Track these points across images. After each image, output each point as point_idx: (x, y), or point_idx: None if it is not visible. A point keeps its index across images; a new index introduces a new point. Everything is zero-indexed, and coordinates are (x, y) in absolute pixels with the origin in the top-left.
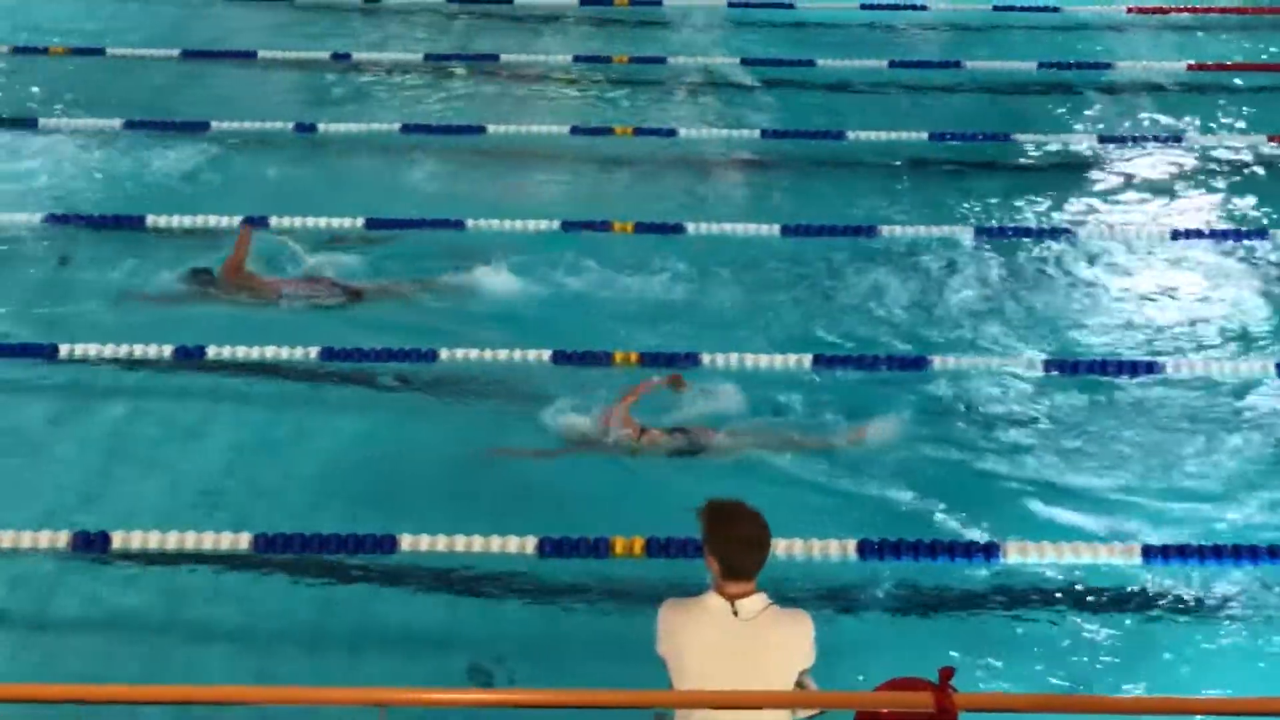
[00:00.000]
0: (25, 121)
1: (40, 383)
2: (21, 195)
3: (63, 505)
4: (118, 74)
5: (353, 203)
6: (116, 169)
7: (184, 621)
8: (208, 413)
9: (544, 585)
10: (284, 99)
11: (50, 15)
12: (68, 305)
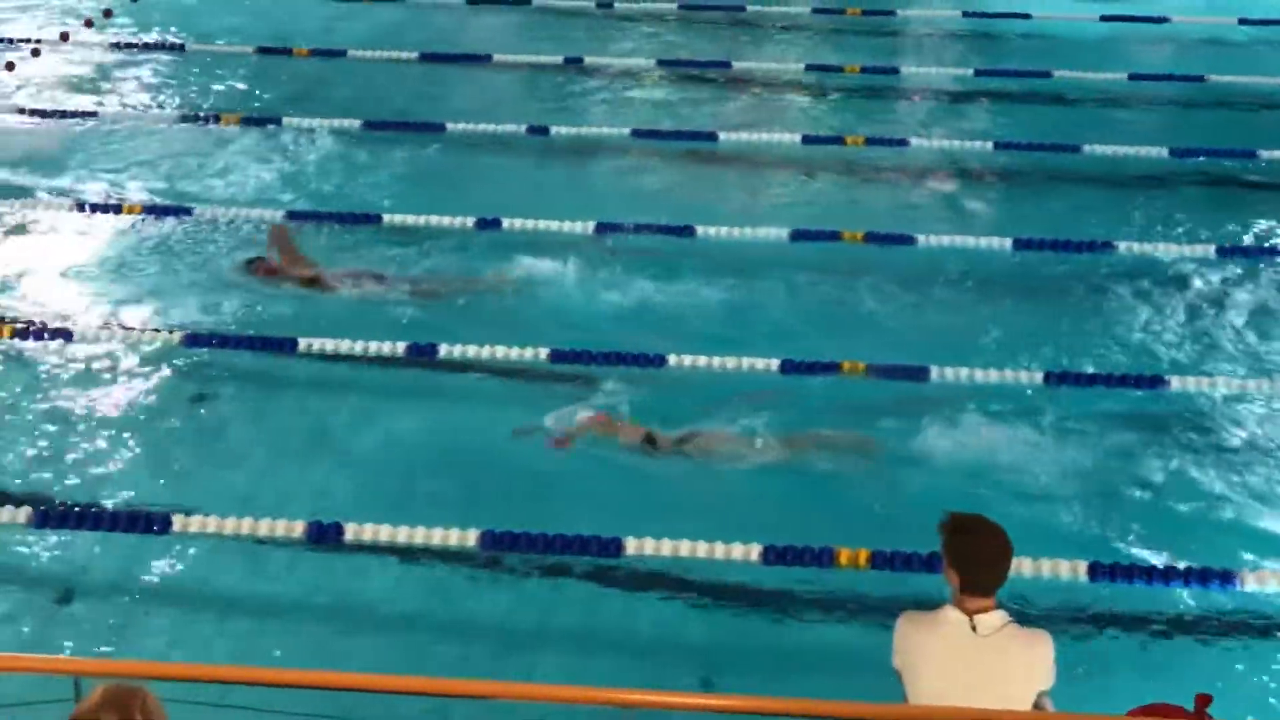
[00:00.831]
0: (269, 120)
1: (281, 373)
2: (264, 191)
3: (296, 495)
4: (357, 75)
5: (582, 206)
6: (355, 168)
7: (410, 614)
8: (439, 410)
9: (766, 592)
10: (517, 102)
11: (294, 18)
12: (304, 303)
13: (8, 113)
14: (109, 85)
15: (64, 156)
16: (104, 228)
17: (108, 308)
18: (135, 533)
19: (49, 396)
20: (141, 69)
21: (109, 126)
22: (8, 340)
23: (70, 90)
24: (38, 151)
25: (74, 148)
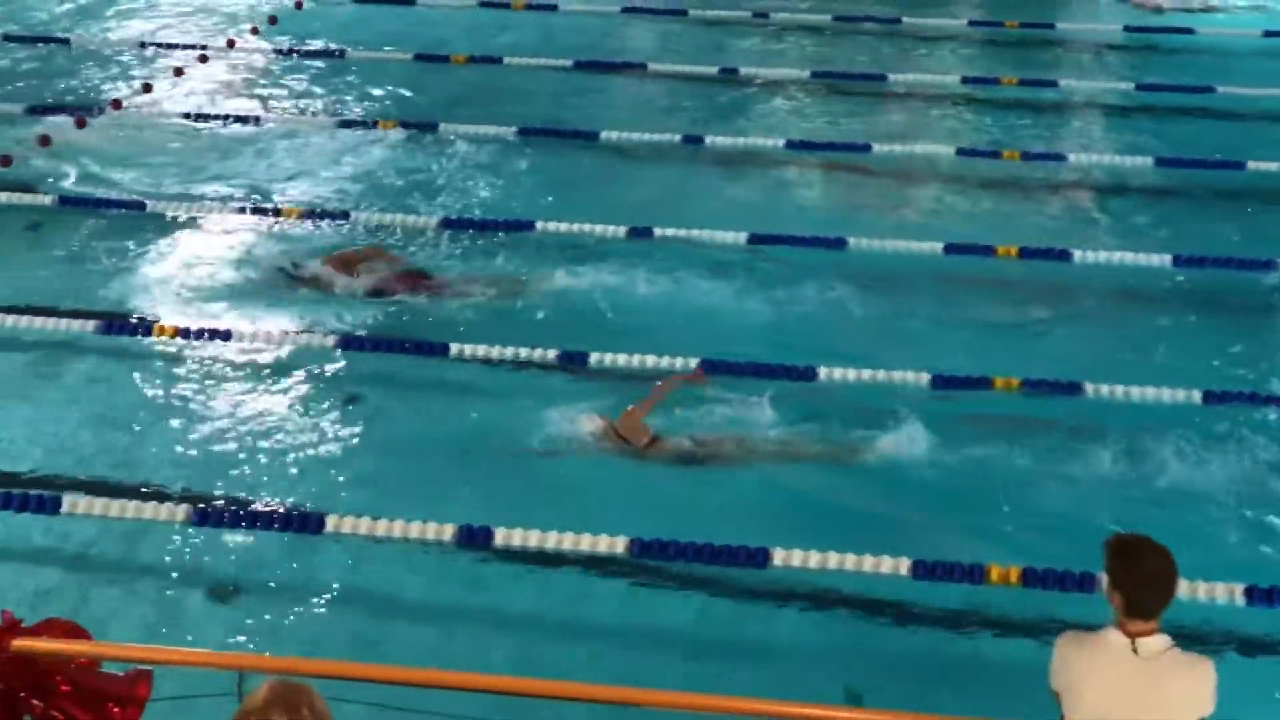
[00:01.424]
0: (425, 125)
1: (432, 377)
2: (420, 197)
3: (446, 498)
4: (513, 82)
5: (735, 216)
6: (510, 174)
7: (555, 621)
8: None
9: (913, 606)
10: (671, 111)
11: (452, 26)
12: (447, 308)
13: (175, 117)
14: (272, 91)
15: (227, 160)
16: (263, 231)
17: (264, 310)
18: (289, 532)
19: (207, 397)
20: (303, 75)
21: (271, 131)
22: (168, 340)
23: (234, 95)
24: (202, 155)
25: (236, 152)
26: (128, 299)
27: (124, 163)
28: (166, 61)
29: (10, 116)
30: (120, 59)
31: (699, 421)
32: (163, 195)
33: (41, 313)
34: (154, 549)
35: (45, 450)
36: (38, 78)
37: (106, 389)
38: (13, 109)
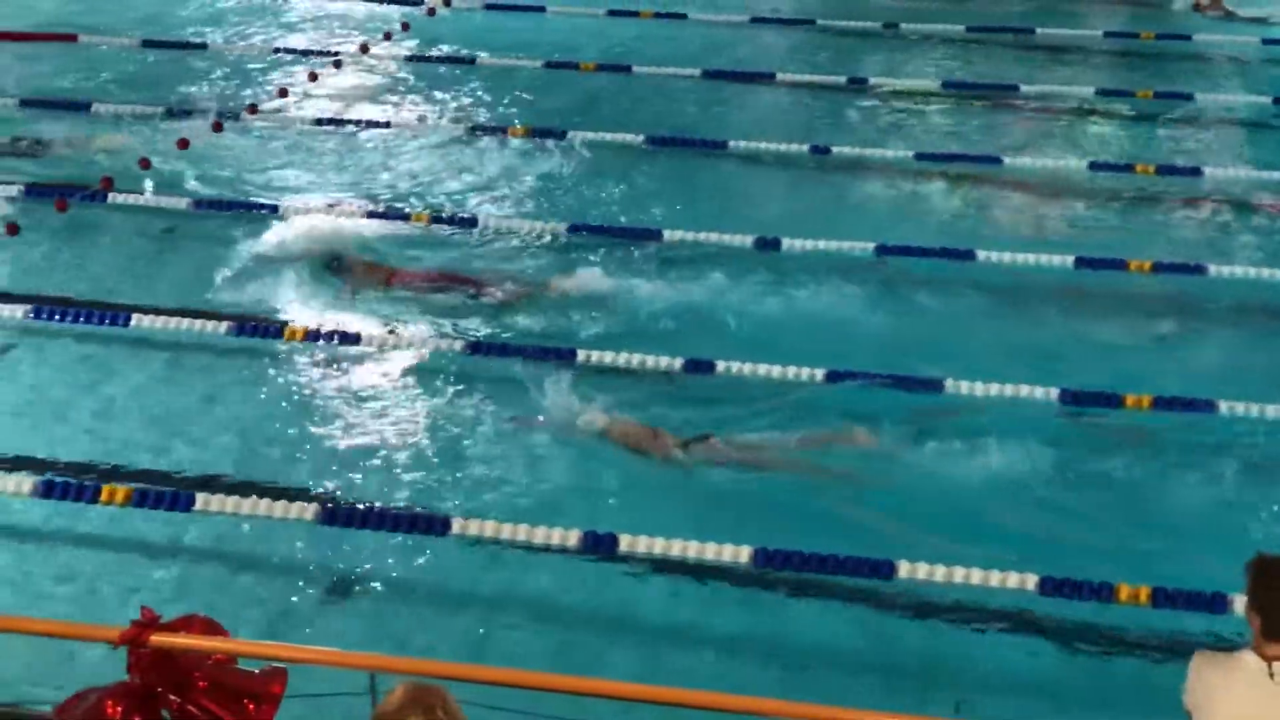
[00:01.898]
0: (554, 132)
1: (562, 383)
2: (548, 203)
3: (571, 504)
4: (641, 91)
5: (862, 227)
6: (637, 182)
7: (679, 628)
8: (717, 426)
9: (1039, 623)
10: (799, 120)
11: (581, 33)
12: (578, 314)
13: (308, 122)
14: (403, 96)
15: (358, 165)
16: (393, 236)
17: (393, 314)
18: (416, 533)
19: (335, 398)
20: (434, 81)
21: (401, 136)
22: (298, 343)
23: (367, 100)
24: (333, 160)
25: (367, 157)
26: (259, 301)
27: (258, 166)
28: (301, 67)
29: (149, 120)
30: (256, 64)
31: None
32: (295, 199)
33: (175, 314)
34: (283, 547)
35: (178, 449)
36: (175, 82)
37: (238, 390)
38: (151, 112)
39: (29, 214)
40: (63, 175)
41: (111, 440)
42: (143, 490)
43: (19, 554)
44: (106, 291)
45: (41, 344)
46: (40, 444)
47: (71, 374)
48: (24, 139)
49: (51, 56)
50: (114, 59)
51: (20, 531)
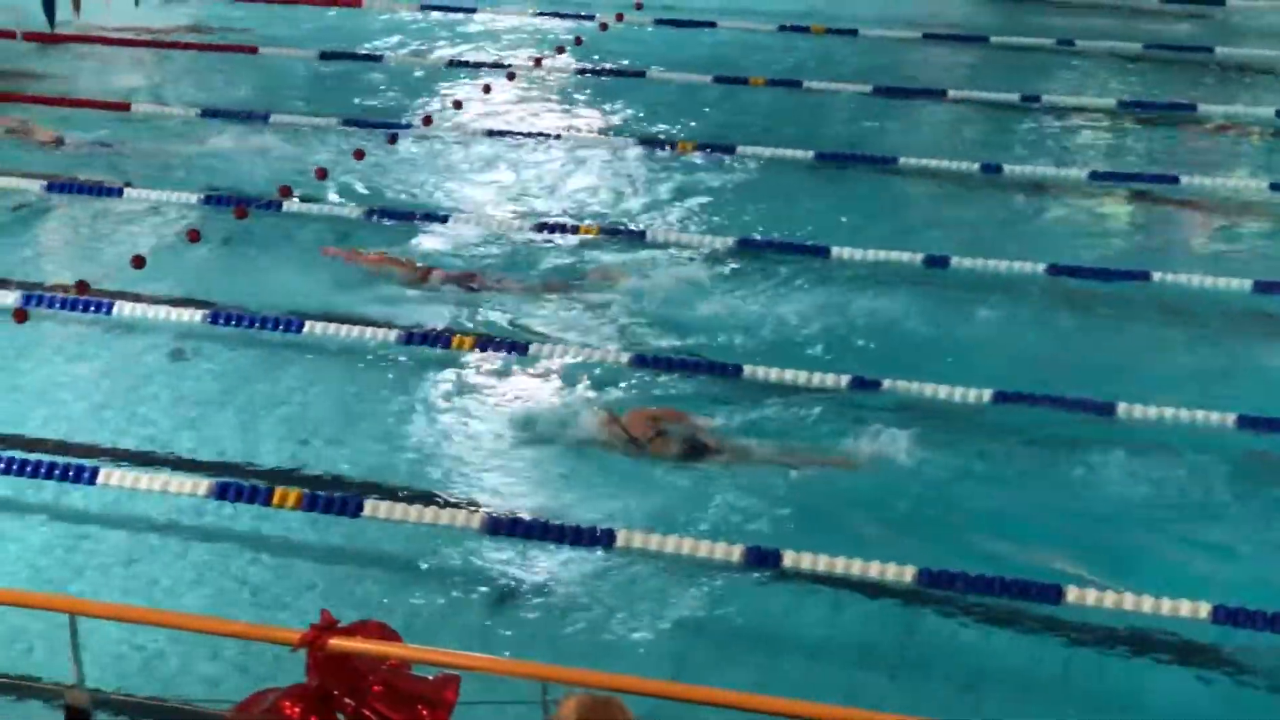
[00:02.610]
0: (723, 147)
1: (727, 399)
2: (716, 218)
3: (732, 520)
4: (811, 106)
5: (1035, 246)
6: (806, 198)
7: (843, 646)
8: (881, 444)
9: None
10: (971, 137)
11: (750, 49)
12: (742, 333)
13: (482, 134)
14: (575, 109)
15: (529, 176)
16: (561, 247)
17: (561, 326)
18: (581, 546)
19: (504, 408)
20: (606, 94)
21: (573, 149)
22: (469, 352)
23: (540, 113)
24: (506, 171)
25: (539, 169)
26: (430, 311)
27: (432, 177)
28: (475, 80)
29: (325, 130)
30: (431, 77)
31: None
32: (466, 210)
33: (349, 321)
34: (451, 555)
35: (348, 454)
36: (352, 93)
37: (407, 397)
38: (328, 123)
39: (209, 221)
40: (242, 184)
41: (284, 445)
42: (313, 495)
43: (196, 555)
44: (282, 298)
45: (218, 349)
46: (214, 447)
47: (245, 379)
48: (204, 148)
49: (232, 68)
50: (292, 70)
51: (198, 533)
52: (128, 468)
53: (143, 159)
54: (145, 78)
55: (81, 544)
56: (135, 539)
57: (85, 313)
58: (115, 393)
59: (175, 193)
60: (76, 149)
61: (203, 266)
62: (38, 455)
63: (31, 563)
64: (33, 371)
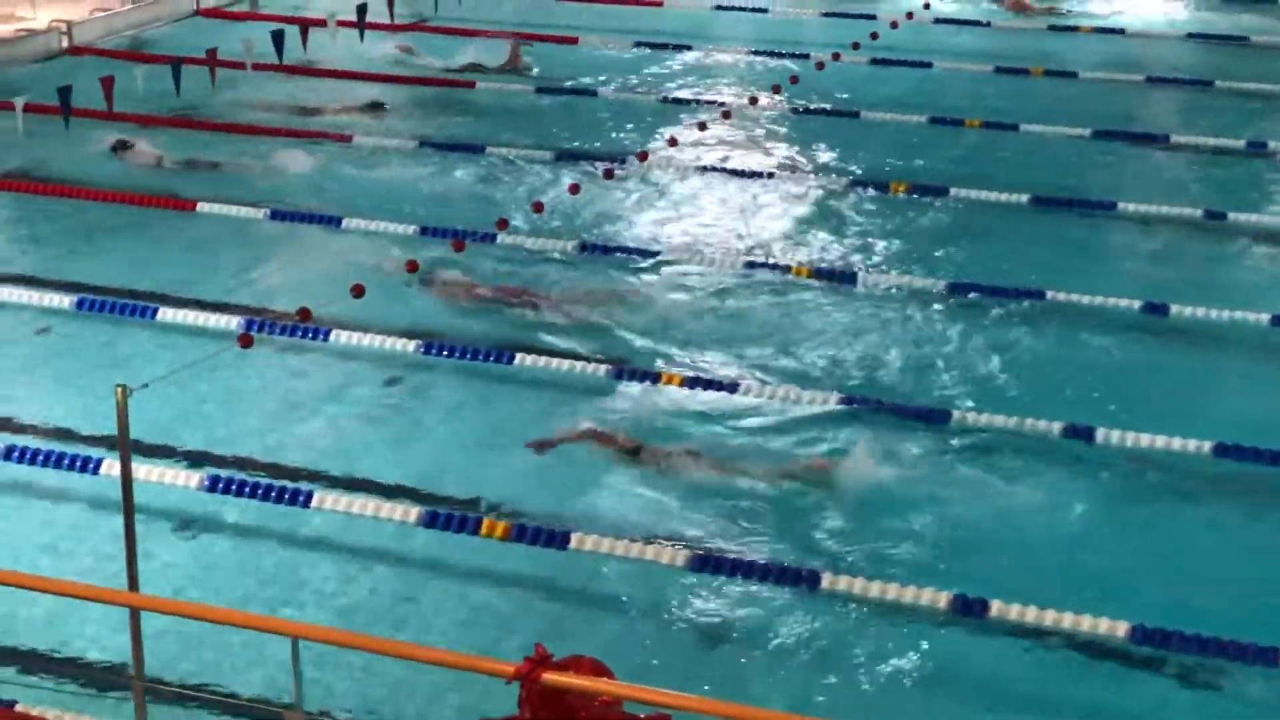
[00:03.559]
0: (935, 189)
1: (946, 445)
2: (927, 259)
3: (936, 567)
4: (1028, 149)
5: (1259, 296)
6: (1019, 241)
7: (1048, 699)
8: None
9: None
10: (1194, 184)
11: (967, 90)
12: (951, 375)
13: (695, 170)
14: (787, 148)
15: (741, 214)
16: (774, 287)
17: (767, 366)
18: (785, 585)
19: (711, 445)
20: (818, 134)
21: (784, 188)
22: (675, 389)
23: (752, 151)
24: (717, 208)
25: (750, 207)
26: (638, 345)
27: (646, 213)
28: (690, 116)
29: (542, 164)
30: (646, 113)
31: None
32: (676, 246)
33: (556, 355)
34: (658, 591)
35: (554, 489)
36: (568, 128)
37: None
38: (544, 156)
39: (427, 252)
40: (459, 216)
41: (490, 475)
42: (521, 525)
43: (405, 582)
44: (495, 331)
45: (431, 380)
46: (424, 476)
47: (457, 409)
48: (423, 179)
49: (451, 102)
50: (509, 105)
51: (408, 560)
52: (341, 492)
53: (362, 189)
54: (367, 110)
55: (299, 567)
56: (347, 564)
57: (306, 339)
58: (332, 418)
59: (394, 224)
60: (298, 179)
61: (420, 297)
62: (256, 477)
63: (248, 584)
64: (254, 395)
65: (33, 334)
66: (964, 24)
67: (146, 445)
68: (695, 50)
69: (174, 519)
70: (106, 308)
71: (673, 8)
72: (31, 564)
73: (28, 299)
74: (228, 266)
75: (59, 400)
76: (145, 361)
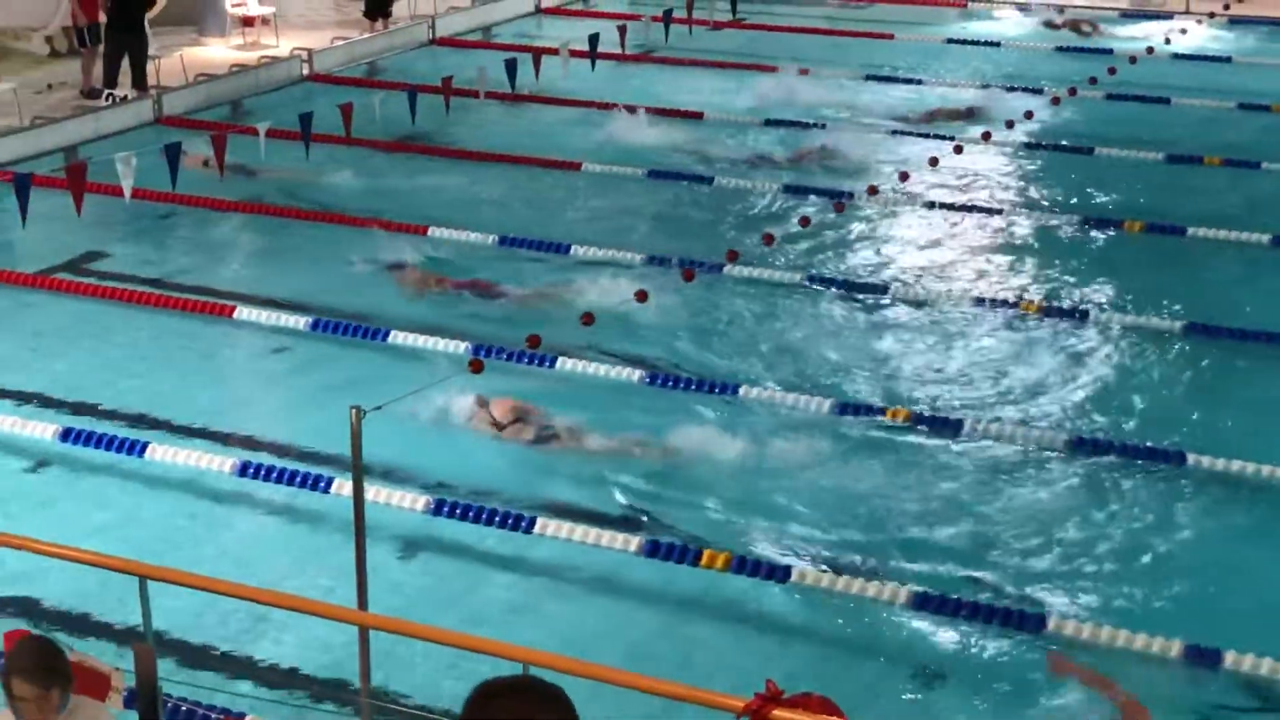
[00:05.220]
0: (1172, 229)
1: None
2: (1162, 301)
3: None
4: (1272, 189)
5: None
6: (1261, 282)
7: None
8: None
9: None
10: None
11: (1208, 125)
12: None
13: (923, 206)
14: (1019, 184)
15: (970, 249)
16: (1003, 323)
17: (995, 404)
18: (1009, 627)
19: (937, 485)
20: (1051, 170)
21: (1015, 224)
22: (901, 425)
23: (983, 187)
24: (947, 244)
25: (980, 242)
26: (861, 379)
27: (876, 247)
28: (921, 150)
29: (771, 195)
30: (876, 146)
31: None
32: (905, 280)
33: (790, 389)
34: (874, 628)
35: (762, 520)
36: (796, 161)
37: (837, 469)
38: (770, 187)
39: (656, 282)
40: (688, 246)
41: (693, 502)
42: (740, 558)
43: (621, 612)
44: (721, 360)
45: (658, 408)
46: (640, 505)
47: (682, 439)
48: (651, 207)
49: (680, 132)
50: (736, 135)
51: (624, 589)
52: (564, 520)
53: (591, 217)
54: (594, 139)
55: (520, 591)
56: (572, 590)
57: (534, 366)
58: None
59: (622, 251)
60: (525, 205)
61: (648, 326)
62: (480, 503)
63: (479, 607)
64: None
65: (269, 352)
66: (1205, 60)
67: (379, 467)
68: (926, 84)
69: (398, 540)
70: (339, 329)
71: (904, 40)
72: (261, 578)
73: (266, 319)
74: (459, 290)
75: (293, 418)
76: (378, 383)
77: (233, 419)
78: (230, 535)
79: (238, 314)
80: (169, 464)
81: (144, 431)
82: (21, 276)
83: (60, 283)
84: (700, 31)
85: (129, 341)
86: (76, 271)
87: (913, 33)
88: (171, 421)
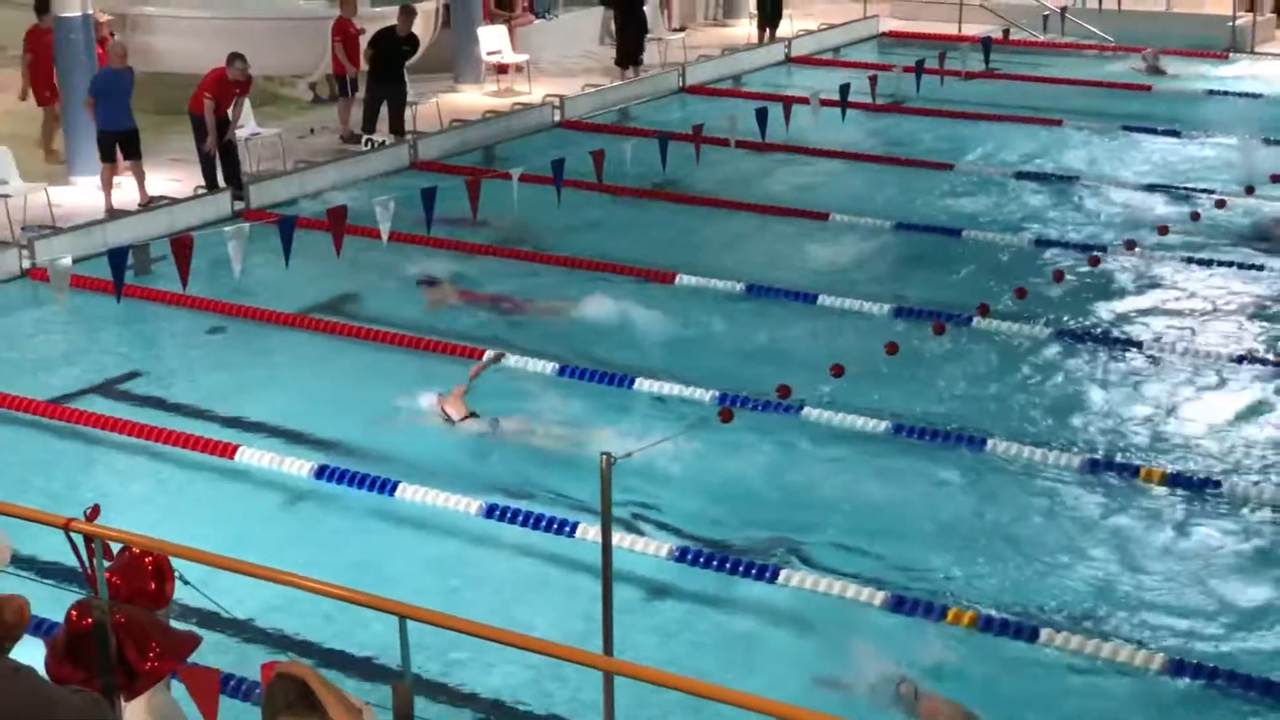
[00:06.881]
0: None
1: None
2: None
3: None
4: None
5: None
6: None
7: None
8: None
9: None
10: None
11: None
12: None
13: (1184, 261)
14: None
15: (1231, 309)
16: (1264, 381)
17: (1240, 467)
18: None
19: (1182, 547)
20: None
21: (1275, 282)
22: (1157, 487)
23: (1245, 242)
24: (1205, 301)
25: (1241, 300)
26: (1113, 436)
27: (1129, 301)
28: (1179, 205)
29: (1018, 249)
30: (1132, 201)
31: None
32: (1162, 337)
33: (1030, 444)
34: (1117, 690)
35: (1016, 578)
36: (1048, 213)
37: (1083, 524)
38: (1019, 241)
39: (907, 334)
40: (939, 298)
41: (957, 560)
42: (988, 617)
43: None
44: (964, 415)
45: (902, 460)
46: (883, 556)
47: (926, 495)
48: (900, 260)
49: (926, 182)
50: (988, 188)
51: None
52: (806, 570)
53: (836, 265)
54: (842, 189)
55: (761, 638)
56: (810, 639)
57: (782, 414)
58: (795, 493)
59: (869, 303)
60: (771, 254)
61: (896, 380)
62: (713, 550)
63: (701, 644)
64: (719, 466)
65: (520, 395)
66: None
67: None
68: (1184, 137)
69: (643, 586)
70: (588, 375)
71: (1162, 93)
72: (510, 619)
73: (519, 363)
74: (706, 338)
75: (542, 464)
76: (628, 433)
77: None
78: (477, 573)
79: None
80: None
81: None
82: (282, 316)
83: (320, 323)
84: (951, 82)
85: (385, 379)
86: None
87: (1171, 84)
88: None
